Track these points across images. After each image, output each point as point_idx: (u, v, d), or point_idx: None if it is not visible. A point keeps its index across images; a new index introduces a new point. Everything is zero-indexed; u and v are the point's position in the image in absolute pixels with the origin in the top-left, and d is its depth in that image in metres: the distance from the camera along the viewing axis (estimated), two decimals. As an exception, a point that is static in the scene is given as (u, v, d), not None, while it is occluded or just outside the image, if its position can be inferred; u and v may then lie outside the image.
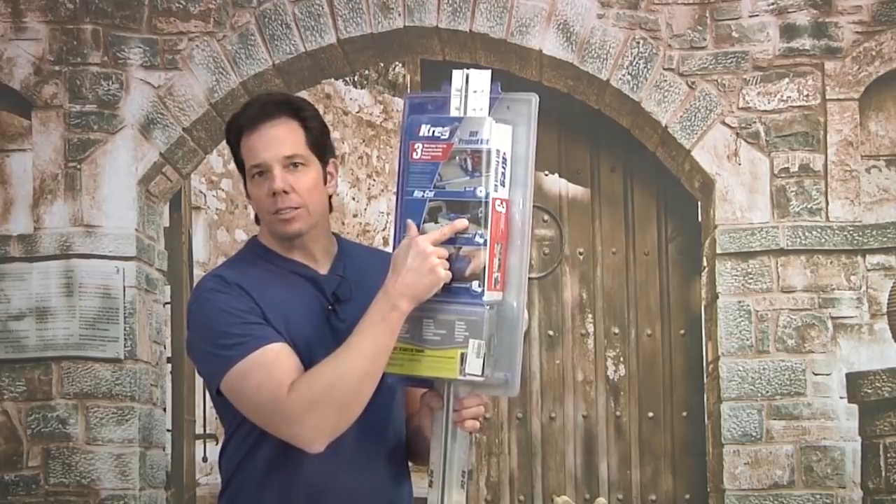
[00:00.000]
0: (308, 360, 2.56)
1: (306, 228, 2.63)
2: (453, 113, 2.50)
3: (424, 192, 2.49)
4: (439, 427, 2.53)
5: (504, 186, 2.48)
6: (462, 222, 2.45)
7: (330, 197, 2.70)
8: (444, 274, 2.44)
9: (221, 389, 2.57)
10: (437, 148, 2.48)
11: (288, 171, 2.60)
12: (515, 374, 2.48)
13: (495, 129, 2.47)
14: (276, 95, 2.70)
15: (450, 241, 2.46)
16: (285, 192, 2.59)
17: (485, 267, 2.45)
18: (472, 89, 2.50)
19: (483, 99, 2.50)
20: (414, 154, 2.50)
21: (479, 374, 2.44)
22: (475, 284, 2.45)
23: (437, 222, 2.47)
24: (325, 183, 2.67)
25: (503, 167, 2.47)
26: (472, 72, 2.52)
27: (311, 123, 2.65)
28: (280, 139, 2.60)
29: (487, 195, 2.45)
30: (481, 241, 2.45)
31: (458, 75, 2.52)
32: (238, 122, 2.64)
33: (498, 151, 2.47)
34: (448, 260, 2.46)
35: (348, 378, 2.46)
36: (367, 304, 2.55)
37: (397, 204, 2.53)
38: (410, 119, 2.53)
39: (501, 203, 2.47)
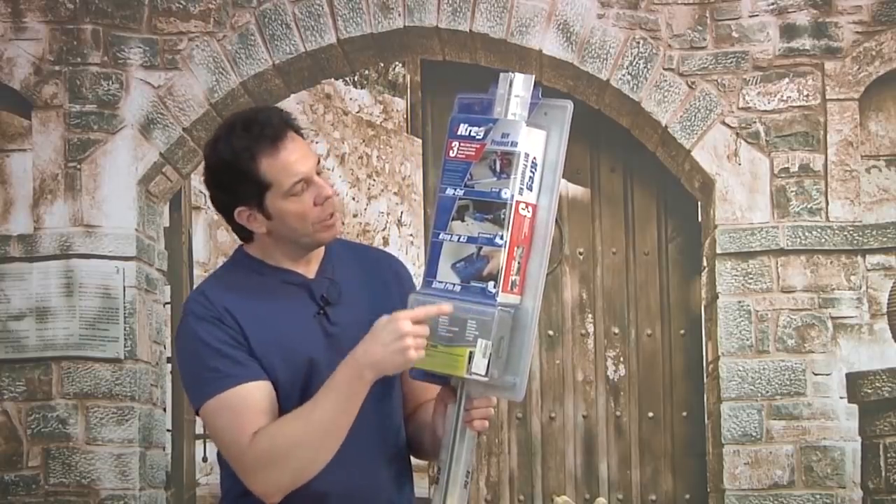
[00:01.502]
0: (308, 368, 2.56)
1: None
2: (496, 115, 2.52)
3: (456, 189, 2.51)
4: (450, 425, 2.54)
5: (531, 191, 2.48)
6: (447, 307, 2.44)
7: None
8: (415, 355, 2.43)
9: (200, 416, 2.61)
10: (471, 147, 2.51)
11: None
12: (523, 378, 2.48)
13: (527, 132, 2.49)
14: (274, 112, 2.63)
15: (471, 241, 2.47)
16: (329, 196, 2.59)
17: (501, 268, 2.45)
18: (514, 93, 2.52)
19: (524, 104, 2.51)
20: (451, 152, 2.53)
21: (484, 374, 2.45)
22: (490, 285, 2.46)
23: (463, 220, 2.49)
24: None
25: (532, 171, 2.48)
26: (516, 76, 2.53)
27: (301, 132, 2.65)
28: (305, 150, 2.59)
29: (511, 197, 2.45)
30: (501, 242, 2.45)
31: (503, 79, 2.54)
32: (252, 148, 2.55)
33: (527, 155, 2.48)
34: (467, 259, 2.47)
35: (307, 442, 2.47)
36: (356, 305, 2.58)
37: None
38: (451, 117, 2.55)
39: (526, 207, 2.48)
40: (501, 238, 2.46)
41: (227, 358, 2.53)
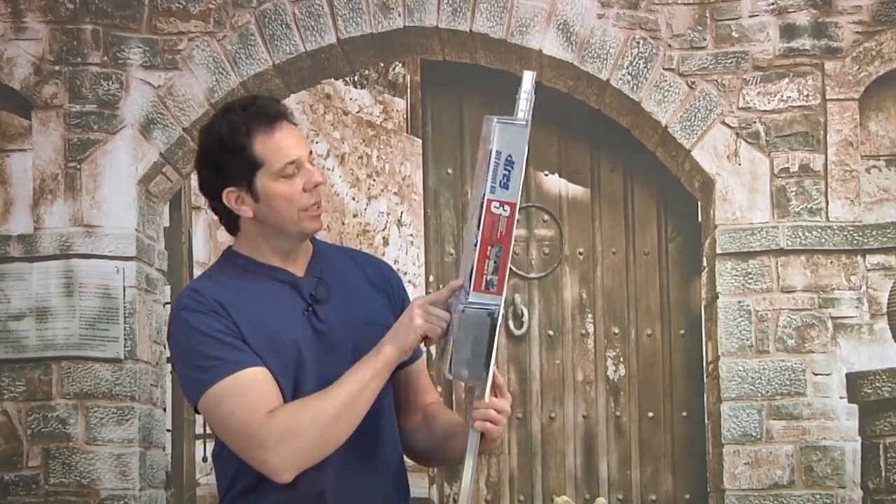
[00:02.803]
0: (298, 364, 2.56)
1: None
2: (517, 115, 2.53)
3: (478, 189, 2.54)
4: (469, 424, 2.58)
5: (507, 189, 2.47)
6: (457, 282, 2.53)
7: None
8: (420, 322, 2.51)
9: (199, 410, 2.59)
10: (483, 149, 2.54)
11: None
12: (486, 379, 2.51)
13: (499, 129, 2.48)
14: (264, 97, 2.66)
15: (473, 241, 2.51)
16: (318, 183, 2.60)
17: (473, 268, 2.46)
18: (523, 91, 2.52)
19: (528, 101, 2.52)
20: (479, 154, 2.56)
21: (448, 370, 2.50)
22: (469, 285, 2.48)
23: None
24: None
25: (507, 169, 2.48)
26: (525, 73, 2.53)
27: (297, 126, 2.66)
28: (300, 137, 2.61)
29: (483, 196, 2.46)
30: (475, 241, 2.47)
31: (527, 76, 2.54)
32: (248, 126, 2.57)
33: (499, 153, 2.47)
34: (470, 259, 2.50)
35: (328, 410, 2.49)
36: (345, 304, 2.60)
37: None
38: (485, 119, 2.55)
39: (501, 205, 2.47)
40: (476, 237, 2.47)
41: (227, 345, 2.53)
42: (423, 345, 2.59)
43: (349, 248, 2.87)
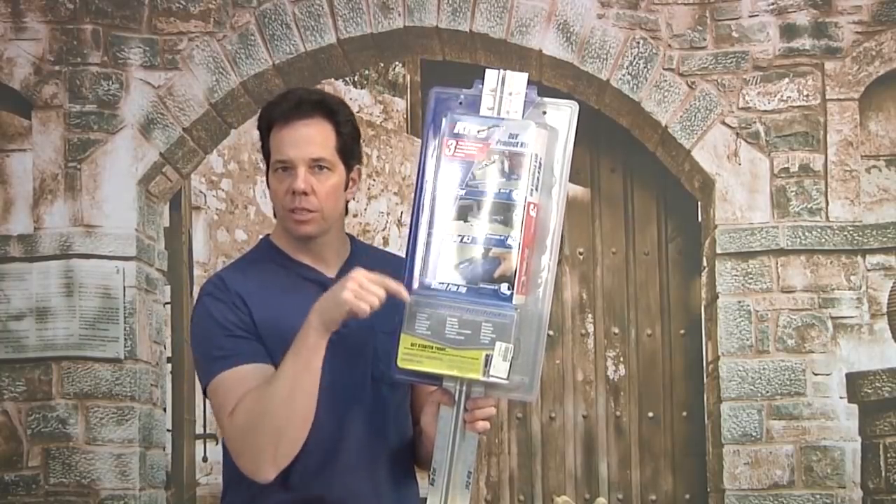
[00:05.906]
0: None
1: (317, 232, 2.62)
2: (485, 112, 2.50)
3: (455, 189, 2.47)
4: (446, 426, 2.50)
5: (537, 191, 2.47)
6: (403, 293, 2.44)
7: (347, 201, 2.69)
8: (349, 296, 2.42)
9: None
10: (472, 147, 2.47)
11: (312, 172, 2.59)
12: (535, 377, 2.46)
13: (535, 133, 2.47)
14: (315, 93, 2.68)
15: (476, 241, 2.44)
16: (305, 193, 2.58)
17: (515, 270, 2.43)
18: (507, 91, 2.50)
19: (518, 102, 2.49)
20: (447, 151, 2.49)
21: (505, 377, 2.42)
22: (504, 287, 2.42)
23: (466, 221, 2.46)
24: (346, 188, 2.66)
25: (538, 172, 2.47)
26: (508, 73, 2.51)
27: (345, 129, 2.65)
28: (310, 139, 2.60)
29: (524, 199, 2.44)
30: (514, 244, 2.43)
31: (492, 75, 2.51)
32: (271, 114, 2.63)
33: (535, 156, 2.46)
34: (472, 261, 2.45)
35: (275, 405, 2.47)
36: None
37: (417, 199, 2.51)
38: (450, 116, 2.50)
39: (534, 207, 2.46)
40: (514, 239, 2.44)
41: (236, 338, 2.56)
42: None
43: (386, 252, 2.85)
